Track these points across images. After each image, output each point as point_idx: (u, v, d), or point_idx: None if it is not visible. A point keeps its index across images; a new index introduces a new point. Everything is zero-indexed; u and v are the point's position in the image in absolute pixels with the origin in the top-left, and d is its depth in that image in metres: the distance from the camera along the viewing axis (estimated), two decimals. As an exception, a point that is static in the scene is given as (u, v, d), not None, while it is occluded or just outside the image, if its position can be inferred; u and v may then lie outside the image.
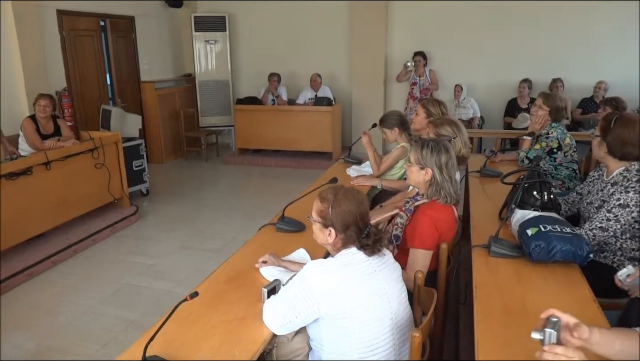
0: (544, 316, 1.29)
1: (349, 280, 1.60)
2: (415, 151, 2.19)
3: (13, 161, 4.08)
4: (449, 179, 2.15)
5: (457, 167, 2.83)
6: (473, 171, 3.48)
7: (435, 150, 2.14)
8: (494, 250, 2.11)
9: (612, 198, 2.28)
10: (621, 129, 2.27)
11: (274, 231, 2.60)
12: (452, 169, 2.16)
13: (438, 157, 2.13)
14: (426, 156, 2.15)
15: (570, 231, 2.04)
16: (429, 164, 2.15)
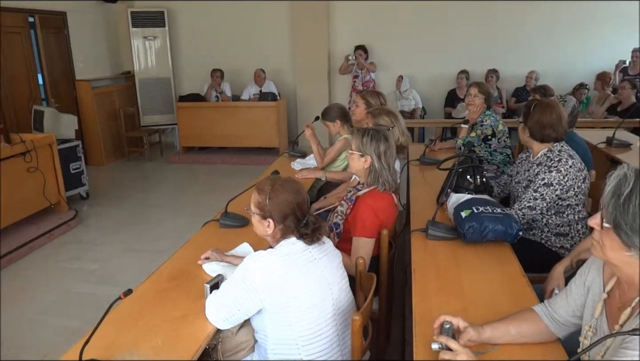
0: (436, 325, 1.41)
1: (289, 270, 1.61)
2: (356, 139, 2.24)
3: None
4: (387, 167, 2.21)
5: (397, 156, 2.92)
6: (414, 160, 3.58)
7: (375, 138, 2.20)
8: (431, 233, 2.19)
9: (537, 178, 2.42)
10: (540, 114, 2.41)
11: (217, 228, 2.58)
12: (390, 158, 2.22)
13: (377, 145, 2.19)
14: (366, 144, 2.20)
15: (500, 211, 2.15)
16: (369, 152, 2.20)
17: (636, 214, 1.08)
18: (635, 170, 1.11)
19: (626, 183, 1.10)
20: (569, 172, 2.37)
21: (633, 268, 1.16)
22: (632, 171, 1.11)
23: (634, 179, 1.09)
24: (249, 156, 7.38)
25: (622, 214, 1.10)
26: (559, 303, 1.47)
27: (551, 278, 2.06)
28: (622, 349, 1.10)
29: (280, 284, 1.59)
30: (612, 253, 1.17)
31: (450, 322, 1.40)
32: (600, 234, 1.18)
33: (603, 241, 1.18)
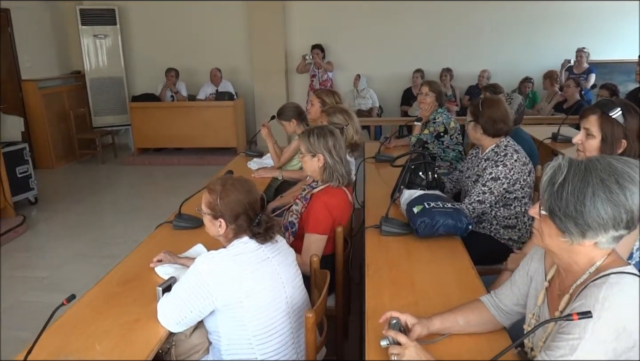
0: (382, 320, 1.44)
1: (241, 269, 1.61)
2: (303, 141, 2.25)
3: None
4: (340, 160, 2.24)
5: (352, 154, 2.95)
6: (369, 157, 3.62)
7: (321, 135, 2.22)
8: (384, 229, 2.22)
9: (485, 173, 2.50)
10: (490, 110, 2.48)
11: (171, 230, 2.53)
12: (340, 150, 2.25)
13: (325, 141, 2.21)
14: (314, 143, 2.21)
15: (451, 206, 2.21)
16: (319, 150, 2.21)
17: (569, 201, 1.12)
18: (569, 160, 1.17)
19: (560, 172, 1.16)
20: (515, 166, 2.46)
21: (569, 254, 1.22)
22: (565, 161, 1.17)
23: (567, 169, 1.15)
24: (207, 157, 7.28)
25: (556, 201, 1.15)
26: (504, 293, 1.53)
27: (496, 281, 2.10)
28: (559, 334, 1.16)
29: (232, 284, 1.58)
30: (549, 240, 1.22)
31: (397, 318, 1.43)
32: (539, 223, 1.23)
33: (542, 229, 1.22)
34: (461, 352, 1.45)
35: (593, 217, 1.11)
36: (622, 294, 1.10)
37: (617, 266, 1.18)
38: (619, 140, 1.76)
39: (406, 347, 1.32)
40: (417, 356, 1.32)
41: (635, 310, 1.10)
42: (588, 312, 1.07)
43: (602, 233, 1.14)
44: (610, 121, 1.77)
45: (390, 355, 1.34)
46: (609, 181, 1.11)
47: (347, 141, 2.86)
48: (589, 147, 1.82)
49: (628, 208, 1.11)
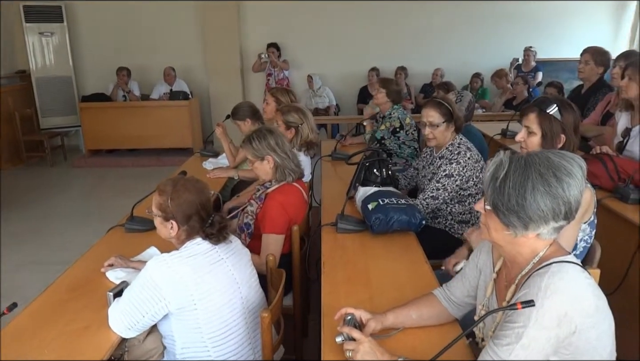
0: (337, 317, 1.45)
1: (194, 271, 1.58)
2: (247, 149, 2.25)
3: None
4: (287, 155, 2.24)
5: (308, 152, 2.96)
6: (325, 156, 3.64)
7: (262, 136, 2.23)
8: (340, 227, 2.24)
9: (439, 170, 2.56)
10: (454, 104, 2.57)
11: (123, 233, 2.47)
12: (284, 145, 2.25)
13: (267, 141, 2.21)
14: (258, 147, 2.22)
15: (405, 202, 2.25)
16: (265, 152, 2.21)
17: (511, 195, 1.16)
18: (510, 156, 1.21)
19: (501, 167, 1.19)
20: (468, 164, 2.53)
21: (514, 247, 1.26)
22: (507, 157, 1.21)
23: (508, 164, 1.19)
24: (162, 157, 7.11)
25: (499, 196, 1.18)
26: (455, 286, 1.57)
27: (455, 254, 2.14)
28: (506, 323, 1.20)
29: (185, 287, 1.56)
30: (495, 233, 1.25)
31: (352, 314, 1.44)
32: (485, 217, 1.27)
33: (488, 223, 1.26)
34: (414, 345, 1.47)
35: (534, 210, 1.15)
36: (562, 282, 1.15)
37: (558, 256, 1.22)
38: (558, 135, 1.84)
39: (360, 343, 1.34)
40: (371, 351, 1.33)
41: (575, 296, 1.15)
42: (531, 301, 1.11)
43: (543, 224, 1.18)
44: (548, 118, 1.84)
45: (345, 350, 1.35)
46: (548, 175, 1.15)
47: (302, 139, 2.87)
48: (530, 144, 1.89)
49: (566, 200, 1.15)
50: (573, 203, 1.17)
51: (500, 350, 1.17)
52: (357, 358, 1.32)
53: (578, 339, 1.15)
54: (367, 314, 1.48)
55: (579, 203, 1.19)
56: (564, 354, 1.17)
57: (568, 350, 1.16)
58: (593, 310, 1.15)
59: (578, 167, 1.19)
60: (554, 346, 1.15)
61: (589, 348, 1.17)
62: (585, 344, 1.16)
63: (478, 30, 7.65)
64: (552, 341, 1.14)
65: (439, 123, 2.55)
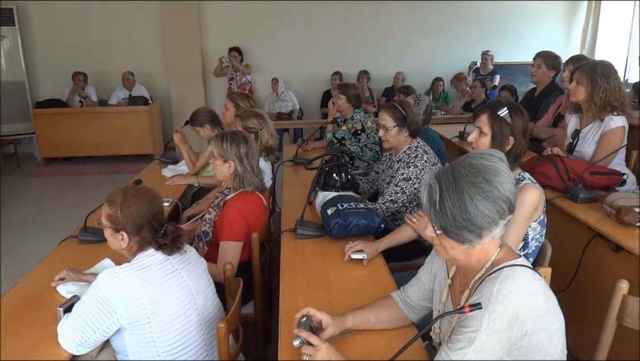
0: (298, 316, 1.45)
1: (146, 284, 1.54)
2: (216, 145, 2.21)
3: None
4: (251, 169, 2.21)
5: (267, 157, 2.94)
6: (287, 160, 3.62)
7: (235, 142, 2.19)
8: (299, 232, 2.23)
9: (397, 173, 2.59)
10: (411, 110, 2.59)
11: (77, 244, 2.39)
12: (252, 159, 2.22)
13: (237, 148, 2.18)
14: (226, 149, 2.18)
15: (363, 206, 2.26)
16: (230, 156, 2.18)
17: (455, 214, 1.17)
18: (437, 176, 1.21)
19: (434, 190, 1.20)
20: (425, 167, 2.57)
21: (470, 257, 1.27)
22: (434, 179, 1.21)
23: (438, 185, 1.19)
24: (121, 165, 6.93)
25: (443, 218, 1.19)
26: (411, 289, 1.58)
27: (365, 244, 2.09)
28: (459, 328, 1.21)
29: (137, 300, 1.51)
30: (452, 251, 1.26)
31: (307, 315, 1.43)
32: (438, 239, 1.27)
33: (443, 244, 1.26)
34: (371, 348, 1.48)
35: (480, 218, 1.17)
36: (513, 286, 1.17)
37: (509, 260, 1.25)
38: (507, 137, 1.89)
39: (318, 349, 1.33)
40: (329, 357, 1.33)
41: (526, 299, 1.17)
42: (478, 304, 1.13)
43: (494, 227, 1.20)
44: (498, 120, 1.89)
45: (302, 354, 1.34)
46: (478, 182, 1.17)
47: (262, 145, 2.85)
48: (481, 144, 1.94)
49: (504, 198, 1.18)
50: (511, 196, 1.20)
51: (453, 354, 1.18)
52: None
53: (529, 341, 1.17)
54: (328, 319, 1.47)
55: (515, 193, 1.22)
56: (516, 356, 1.19)
57: (520, 351, 1.18)
58: (543, 312, 1.18)
59: (500, 161, 1.22)
60: (505, 349, 1.17)
61: (541, 349, 1.19)
62: (537, 345, 1.18)
63: (438, 34, 7.80)
64: (503, 344, 1.16)
65: (391, 127, 2.58)
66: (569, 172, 2.45)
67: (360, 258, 1.99)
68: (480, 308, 1.13)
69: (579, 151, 2.75)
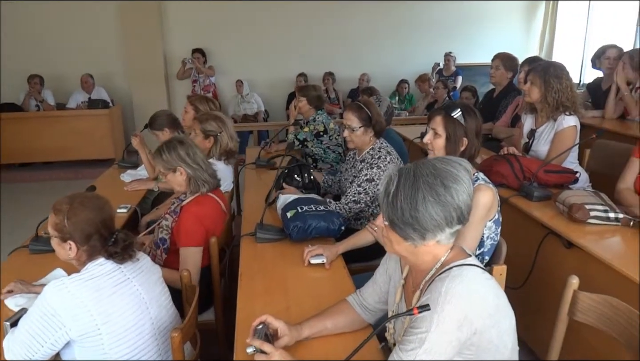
0: (255, 323, 1.43)
1: (96, 295, 1.49)
2: (158, 161, 2.19)
3: None
4: (199, 166, 2.19)
5: (228, 161, 2.90)
6: (250, 163, 3.59)
7: (171, 148, 2.17)
8: (259, 236, 2.20)
9: (361, 173, 2.59)
10: (375, 110, 2.60)
11: (28, 254, 2.30)
12: (195, 156, 2.20)
13: (177, 152, 2.16)
14: (168, 159, 2.16)
15: (323, 208, 2.25)
16: (176, 163, 2.15)
17: (404, 209, 1.18)
18: (399, 169, 1.23)
19: (392, 182, 1.21)
20: (388, 168, 2.58)
21: (417, 256, 1.28)
22: (396, 171, 1.23)
23: (398, 178, 1.20)
24: (82, 170, 6.72)
25: (393, 210, 1.20)
26: (367, 292, 1.58)
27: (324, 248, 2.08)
28: (410, 329, 1.22)
29: (86, 312, 1.46)
30: (397, 246, 1.27)
31: (263, 323, 1.41)
32: (386, 231, 1.27)
33: (389, 237, 1.27)
34: (328, 351, 1.47)
35: (427, 220, 1.18)
36: (462, 285, 1.18)
37: (459, 260, 1.26)
38: (461, 138, 1.91)
39: (271, 356, 1.31)
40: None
41: (474, 298, 1.18)
42: (426, 305, 1.14)
43: (439, 232, 1.20)
44: (452, 121, 1.92)
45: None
46: (435, 185, 1.18)
47: (221, 148, 2.81)
48: (436, 145, 1.96)
49: (456, 206, 1.19)
50: (463, 207, 1.20)
51: (405, 355, 1.19)
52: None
53: (480, 339, 1.19)
54: (284, 328, 1.45)
55: (469, 206, 1.23)
56: (466, 354, 1.21)
57: (470, 350, 1.20)
58: (493, 310, 1.20)
59: (464, 171, 1.23)
60: (456, 348, 1.18)
61: (491, 347, 1.21)
62: (487, 343, 1.20)
63: (402, 35, 7.89)
64: (453, 343, 1.17)
65: (356, 127, 2.58)
66: (524, 171, 2.50)
67: (319, 263, 1.98)
68: (428, 309, 1.13)
69: (535, 150, 2.82)
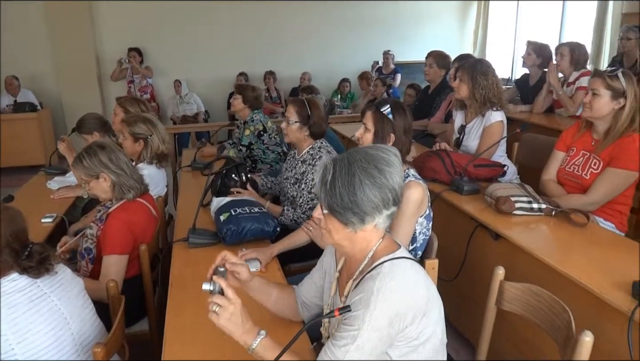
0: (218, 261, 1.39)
1: (8, 313, 1.38)
2: (78, 169, 2.08)
3: None
4: (123, 171, 2.10)
5: (160, 164, 2.81)
6: (185, 166, 3.49)
7: (92, 154, 2.08)
8: (192, 241, 2.13)
9: (305, 177, 2.54)
10: (317, 111, 2.56)
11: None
12: (119, 160, 2.11)
13: (98, 158, 2.07)
14: (90, 165, 2.06)
15: (258, 210, 2.22)
16: (98, 169, 2.06)
17: (343, 194, 1.21)
18: (333, 159, 1.27)
19: (328, 171, 1.24)
20: None
21: (353, 244, 1.30)
22: (330, 160, 1.27)
23: (333, 166, 1.24)
24: (8, 178, 6.32)
25: (332, 197, 1.22)
26: (305, 288, 1.59)
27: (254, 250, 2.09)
28: (343, 325, 1.23)
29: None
30: (337, 234, 1.28)
31: (224, 266, 1.36)
32: (325, 222, 1.29)
33: (328, 227, 1.29)
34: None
35: (366, 203, 1.22)
36: (393, 282, 1.20)
37: (390, 252, 1.29)
38: (388, 134, 1.95)
39: (233, 303, 1.21)
40: (239, 317, 1.22)
41: (405, 293, 1.21)
42: (347, 307, 1.17)
43: (377, 214, 1.24)
44: (381, 117, 1.95)
45: (210, 302, 1.22)
46: (370, 168, 1.22)
47: (152, 151, 2.71)
48: (365, 140, 2.00)
49: (391, 187, 1.24)
50: (397, 188, 1.26)
51: (337, 351, 1.20)
52: (220, 320, 1.21)
53: (410, 330, 1.22)
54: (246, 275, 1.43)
55: (402, 187, 1.28)
56: (397, 346, 1.24)
57: (401, 341, 1.23)
58: (424, 302, 1.23)
59: (394, 156, 1.28)
60: (387, 343, 1.22)
61: (422, 337, 1.25)
62: (418, 334, 1.24)
63: (343, 34, 7.95)
64: (385, 340, 1.20)
65: (292, 121, 2.55)
66: (454, 166, 2.57)
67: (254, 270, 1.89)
68: (349, 310, 1.16)
69: (465, 145, 2.91)
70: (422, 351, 1.26)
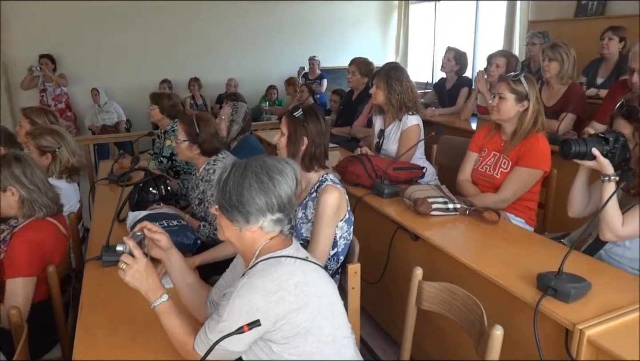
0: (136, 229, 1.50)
1: None
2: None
3: None
4: (37, 188, 1.97)
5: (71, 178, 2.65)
6: (102, 179, 3.31)
7: (5, 165, 1.94)
8: (105, 259, 2.01)
9: (205, 195, 2.44)
10: (207, 128, 2.43)
11: None
12: (34, 176, 1.99)
13: (10, 171, 1.93)
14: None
15: (176, 223, 2.14)
16: (6, 182, 1.93)
17: (232, 193, 1.31)
18: (234, 162, 1.38)
19: (225, 172, 1.36)
20: None
21: (242, 242, 1.37)
22: (231, 164, 1.38)
23: (230, 168, 1.36)
24: None
25: (222, 196, 1.33)
26: (216, 287, 1.61)
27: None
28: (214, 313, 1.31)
29: None
30: (228, 231, 1.38)
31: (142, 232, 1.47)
32: (219, 218, 1.38)
33: (220, 223, 1.39)
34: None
35: (251, 204, 1.31)
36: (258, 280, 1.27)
37: (277, 250, 1.35)
38: (301, 138, 1.96)
39: (137, 261, 1.36)
40: (143, 274, 1.36)
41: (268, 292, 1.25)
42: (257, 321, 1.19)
43: (262, 217, 1.33)
44: (294, 121, 1.97)
45: (119, 262, 1.38)
46: (261, 174, 1.32)
47: (62, 165, 2.55)
48: (280, 144, 2.03)
49: (277, 195, 1.33)
50: (284, 197, 1.34)
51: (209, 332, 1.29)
52: (126, 276, 1.37)
53: (285, 325, 1.27)
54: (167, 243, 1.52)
55: (290, 198, 1.36)
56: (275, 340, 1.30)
57: (278, 334, 1.29)
58: (293, 298, 1.27)
59: (290, 169, 1.38)
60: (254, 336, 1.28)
61: (300, 330, 1.29)
62: (295, 327, 1.29)
63: (268, 39, 7.93)
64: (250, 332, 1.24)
65: (181, 140, 2.42)
66: (375, 169, 2.63)
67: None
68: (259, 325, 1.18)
69: (385, 149, 2.98)
70: (304, 344, 1.30)
